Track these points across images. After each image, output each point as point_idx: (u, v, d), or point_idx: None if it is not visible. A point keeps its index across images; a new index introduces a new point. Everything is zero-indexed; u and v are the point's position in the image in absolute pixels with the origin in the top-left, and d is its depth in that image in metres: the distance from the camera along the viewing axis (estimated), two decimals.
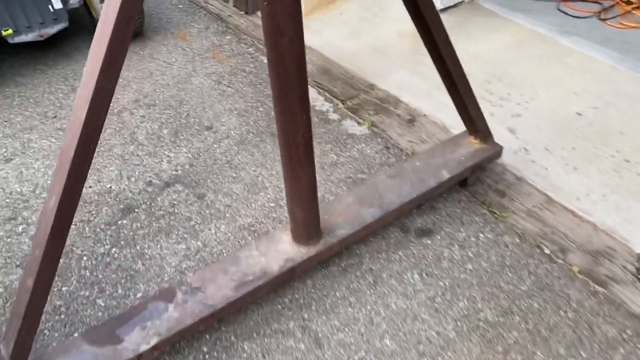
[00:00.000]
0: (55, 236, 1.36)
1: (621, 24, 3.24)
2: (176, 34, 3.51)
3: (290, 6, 1.41)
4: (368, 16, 3.52)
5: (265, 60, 3.20)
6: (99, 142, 2.65)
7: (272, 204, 2.31)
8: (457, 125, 2.60)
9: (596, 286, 1.94)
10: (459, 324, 1.85)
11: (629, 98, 2.69)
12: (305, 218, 1.86)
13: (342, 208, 2.06)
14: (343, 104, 2.84)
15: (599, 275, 1.98)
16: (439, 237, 2.14)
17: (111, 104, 2.91)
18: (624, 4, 3.40)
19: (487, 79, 2.90)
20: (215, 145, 2.63)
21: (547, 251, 2.08)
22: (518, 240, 2.12)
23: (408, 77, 2.95)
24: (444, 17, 3.31)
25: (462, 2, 3.52)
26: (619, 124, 2.56)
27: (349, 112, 2.78)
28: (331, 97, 2.89)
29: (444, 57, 1.97)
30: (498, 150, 2.29)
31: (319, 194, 2.31)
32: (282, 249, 1.93)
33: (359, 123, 2.71)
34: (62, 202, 1.33)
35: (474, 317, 1.87)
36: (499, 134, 2.51)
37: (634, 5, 3.36)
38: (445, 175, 2.17)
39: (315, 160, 2.48)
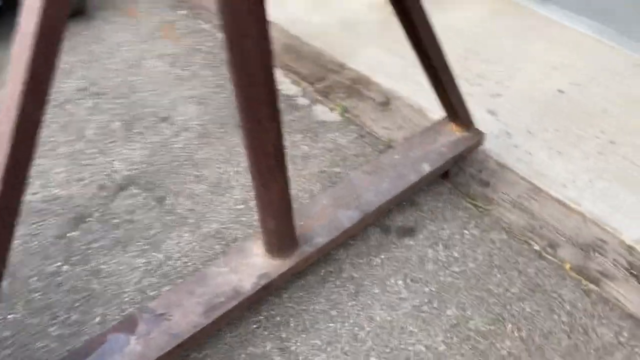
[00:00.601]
0: None
1: None
2: (123, 10, 3.18)
3: (254, 1, 1.19)
4: None
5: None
6: (42, 141, 2.38)
7: (241, 206, 2.12)
8: (434, 108, 2.42)
9: (589, 284, 1.85)
10: (448, 335, 1.73)
11: (611, 73, 2.56)
12: (279, 229, 1.68)
13: (318, 211, 1.88)
14: (312, 86, 2.63)
15: (591, 271, 1.88)
16: (421, 237, 2.00)
17: (54, 94, 2.62)
18: None
19: (464, 55, 2.72)
20: (173, 140, 2.39)
21: (536, 247, 1.96)
22: (505, 236, 2.00)
23: (380, 55, 2.75)
24: None
25: None
26: (602, 101, 2.44)
27: (319, 96, 2.57)
28: (298, 80, 2.67)
29: (423, 40, 1.78)
30: (480, 139, 2.14)
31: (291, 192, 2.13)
32: (255, 263, 1.75)
33: (330, 109, 2.51)
34: None
35: (463, 327, 1.75)
36: (478, 116, 2.35)
37: None
38: (426, 169, 2.01)
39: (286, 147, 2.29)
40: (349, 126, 2.42)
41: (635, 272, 1.86)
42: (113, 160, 2.30)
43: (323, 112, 2.50)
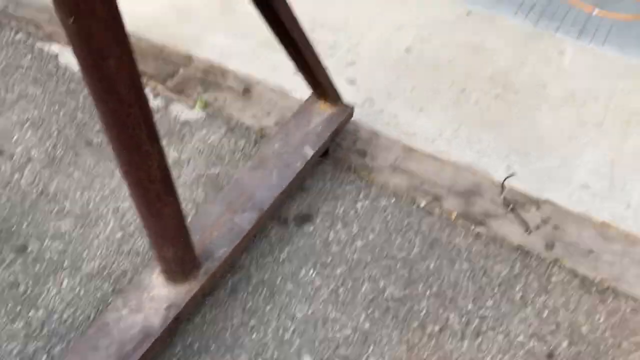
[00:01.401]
0: None
1: None
2: None
3: (110, 16, 1.02)
4: None
5: (46, 48, 2.57)
6: None
7: (119, 234, 1.91)
8: (296, 87, 2.39)
9: (476, 227, 1.99)
10: (369, 311, 1.75)
11: (447, 24, 2.72)
12: (178, 255, 1.54)
13: (213, 221, 1.76)
14: (163, 85, 2.42)
15: (475, 215, 2.03)
16: (319, 220, 1.98)
17: None
18: None
19: (310, 28, 2.67)
20: (16, 175, 2.06)
21: (422, 204, 2.06)
22: (394, 200, 2.06)
23: (227, 40, 2.61)
24: None
25: None
26: (445, 53, 2.59)
27: (174, 95, 2.39)
28: (146, 80, 2.44)
29: (281, 17, 1.70)
30: (350, 111, 2.15)
31: None
32: (158, 296, 1.59)
33: (189, 106, 2.34)
34: None
35: (381, 299, 1.78)
36: (340, 87, 2.36)
37: None
38: (309, 152, 1.98)
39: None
40: (215, 121, 2.28)
41: (510, 207, 2.04)
42: None
43: (183, 111, 2.33)
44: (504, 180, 2.10)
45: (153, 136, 1.25)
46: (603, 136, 2.27)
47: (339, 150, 2.20)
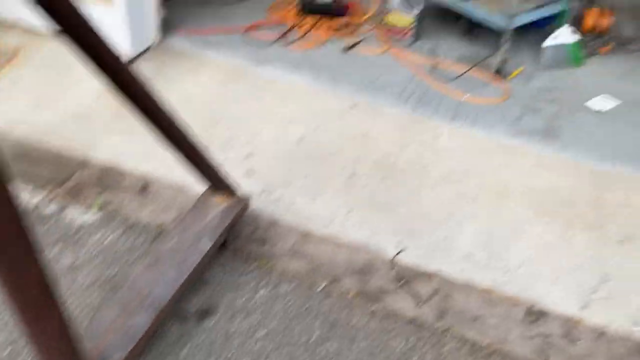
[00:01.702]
0: None
1: (302, 45, 3.53)
2: None
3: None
4: (51, 80, 3.06)
5: None
6: None
7: (8, 349, 1.82)
8: (194, 182, 2.46)
9: (373, 305, 2.09)
10: None
11: (335, 115, 2.95)
12: None
13: (108, 325, 1.74)
14: (58, 189, 2.42)
15: (371, 292, 2.13)
16: (219, 313, 2.00)
17: None
18: (299, 27, 3.70)
19: (205, 125, 2.82)
20: None
21: (321, 287, 2.14)
22: (294, 285, 2.13)
23: (122, 142, 2.67)
24: (137, 66, 3.05)
25: (150, 46, 3.34)
26: (335, 141, 2.79)
27: (69, 198, 2.38)
28: (41, 185, 2.43)
29: (162, 123, 1.81)
30: (246, 203, 2.25)
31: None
32: None
33: (85, 209, 2.34)
34: None
35: None
36: (239, 179, 2.46)
37: (308, 27, 3.70)
38: (206, 245, 2.03)
39: (49, 269, 2.06)
40: (112, 222, 2.29)
41: (402, 282, 2.17)
42: None
43: (78, 215, 2.32)
44: (394, 256, 2.24)
45: (30, 252, 1.25)
46: (480, 209, 2.50)
47: (239, 240, 2.26)
